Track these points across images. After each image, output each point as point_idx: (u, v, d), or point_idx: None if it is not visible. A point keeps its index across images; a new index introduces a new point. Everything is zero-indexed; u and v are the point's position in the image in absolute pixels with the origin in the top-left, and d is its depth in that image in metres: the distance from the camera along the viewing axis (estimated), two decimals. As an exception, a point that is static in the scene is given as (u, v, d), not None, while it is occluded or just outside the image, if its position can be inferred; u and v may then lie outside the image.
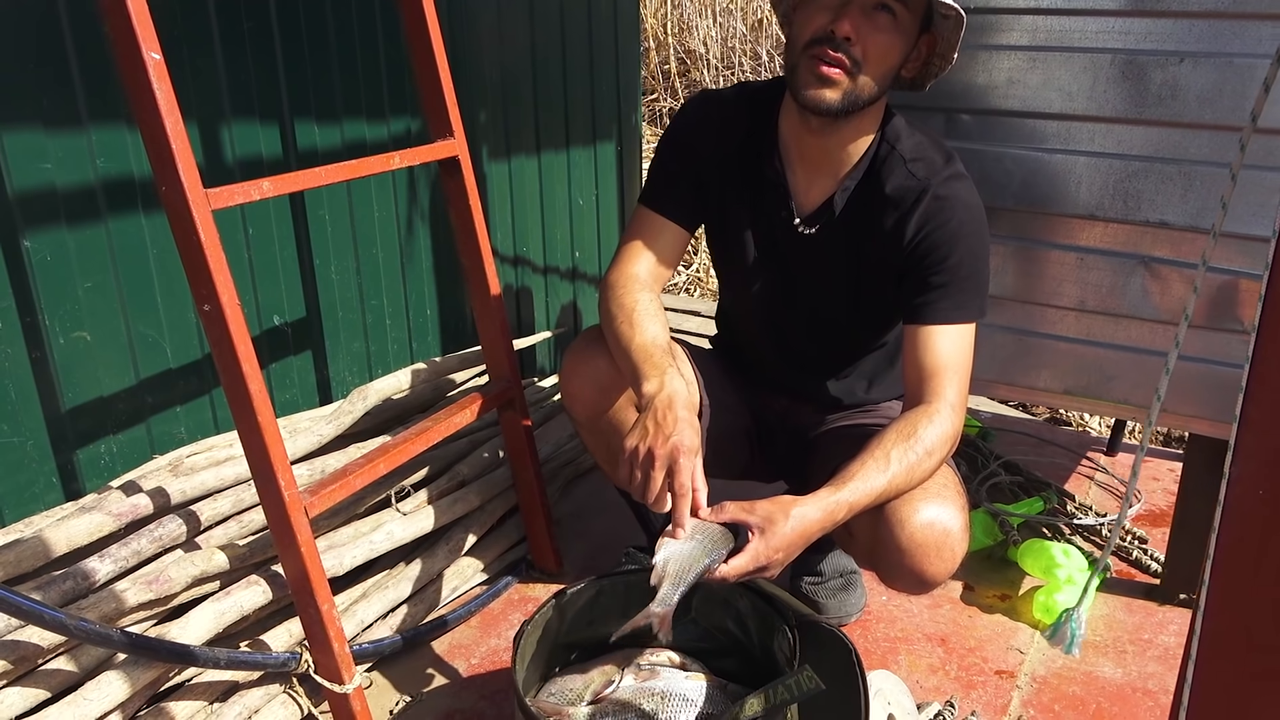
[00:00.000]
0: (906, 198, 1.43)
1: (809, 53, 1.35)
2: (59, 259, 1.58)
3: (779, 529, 1.21)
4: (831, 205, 1.49)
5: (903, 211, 1.43)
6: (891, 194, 1.44)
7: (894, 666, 1.69)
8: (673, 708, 1.31)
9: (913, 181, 1.42)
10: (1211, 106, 1.52)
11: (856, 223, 1.49)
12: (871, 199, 1.46)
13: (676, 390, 1.31)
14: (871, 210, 1.47)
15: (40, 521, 1.53)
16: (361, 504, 1.79)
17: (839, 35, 1.31)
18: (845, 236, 1.50)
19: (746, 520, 1.22)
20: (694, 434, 1.26)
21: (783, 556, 1.23)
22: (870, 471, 1.29)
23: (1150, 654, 1.73)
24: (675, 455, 1.23)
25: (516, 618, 1.82)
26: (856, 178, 1.47)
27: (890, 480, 1.30)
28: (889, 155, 1.45)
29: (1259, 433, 0.57)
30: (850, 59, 1.33)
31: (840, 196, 1.48)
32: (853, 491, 1.27)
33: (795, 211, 1.52)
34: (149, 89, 1.17)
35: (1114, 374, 1.73)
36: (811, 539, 1.25)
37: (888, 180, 1.44)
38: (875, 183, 1.46)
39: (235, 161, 1.82)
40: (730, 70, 5.69)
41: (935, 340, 1.40)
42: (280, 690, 1.52)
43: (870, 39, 1.33)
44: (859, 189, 1.48)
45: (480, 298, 1.78)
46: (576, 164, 2.76)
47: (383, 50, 2.07)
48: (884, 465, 1.30)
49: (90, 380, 1.66)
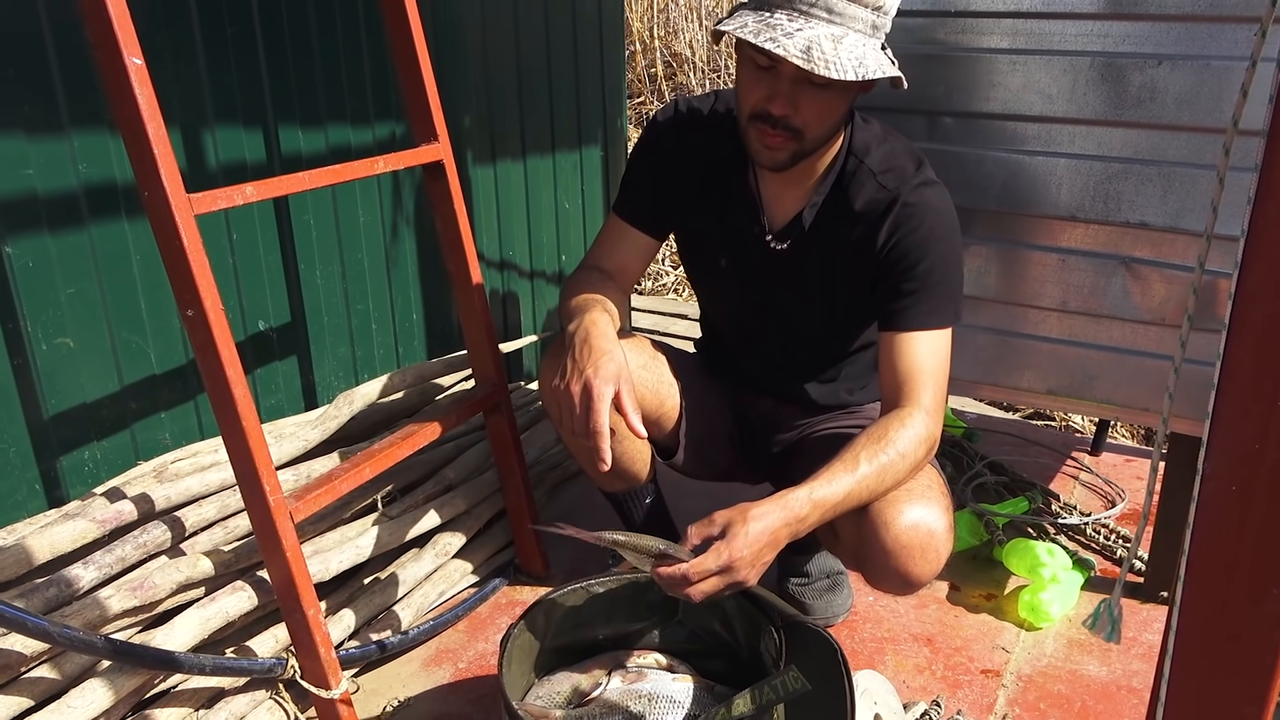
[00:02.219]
0: (876, 209, 1.44)
1: (754, 124, 1.36)
2: (41, 265, 1.57)
3: (739, 530, 1.18)
4: (801, 220, 1.50)
5: (872, 222, 1.44)
6: (861, 209, 1.45)
7: (880, 666, 1.69)
8: (660, 709, 1.31)
9: (882, 193, 1.43)
10: (1189, 108, 1.54)
11: (827, 236, 1.50)
12: (840, 212, 1.47)
13: (593, 321, 1.33)
14: (841, 224, 1.48)
15: (23, 529, 1.52)
16: (347, 509, 1.78)
17: (775, 114, 1.32)
18: (817, 250, 1.51)
19: (708, 533, 1.19)
20: (611, 361, 1.27)
21: (750, 556, 1.17)
22: (837, 473, 1.28)
23: (1134, 652, 1.74)
24: (590, 389, 1.24)
25: (504, 621, 1.82)
26: (824, 192, 1.48)
27: (859, 481, 1.29)
28: (857, 170, 1.46)
29: (1230, 428, 0.58)
30: (791, 129, 1.34)
31: (809, 212, 1.49)
32: (815, 491, 1.25)
33: (767, 226, 1.53)
34: (131, 94, 1.17)
35: (1096, 374, 1.74)
36: (780, 540, 1.22)
37: (858, 195, 1.45)
38: (843, 197, 1.47)
39: (219, 167, 1.82)
40: (716, 74, 5.71)
41: (909, 346, 1.41)
42: (267, 696, 1.52)
43: (806, 107, 1.33)
44: (827, 203, 1.49)
45: (466, 302, 1.78)
46: (562, 168, 2.76)
47: (367, 54, 2.07)
48: (852, 467, 1.29)
49: (73, 386, 1.65)
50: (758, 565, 1.20)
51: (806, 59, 1.22)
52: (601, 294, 1.47)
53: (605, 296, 1.47)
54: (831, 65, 1.22)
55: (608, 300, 1.46)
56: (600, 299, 1.45)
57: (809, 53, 1.22)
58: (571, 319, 1.41)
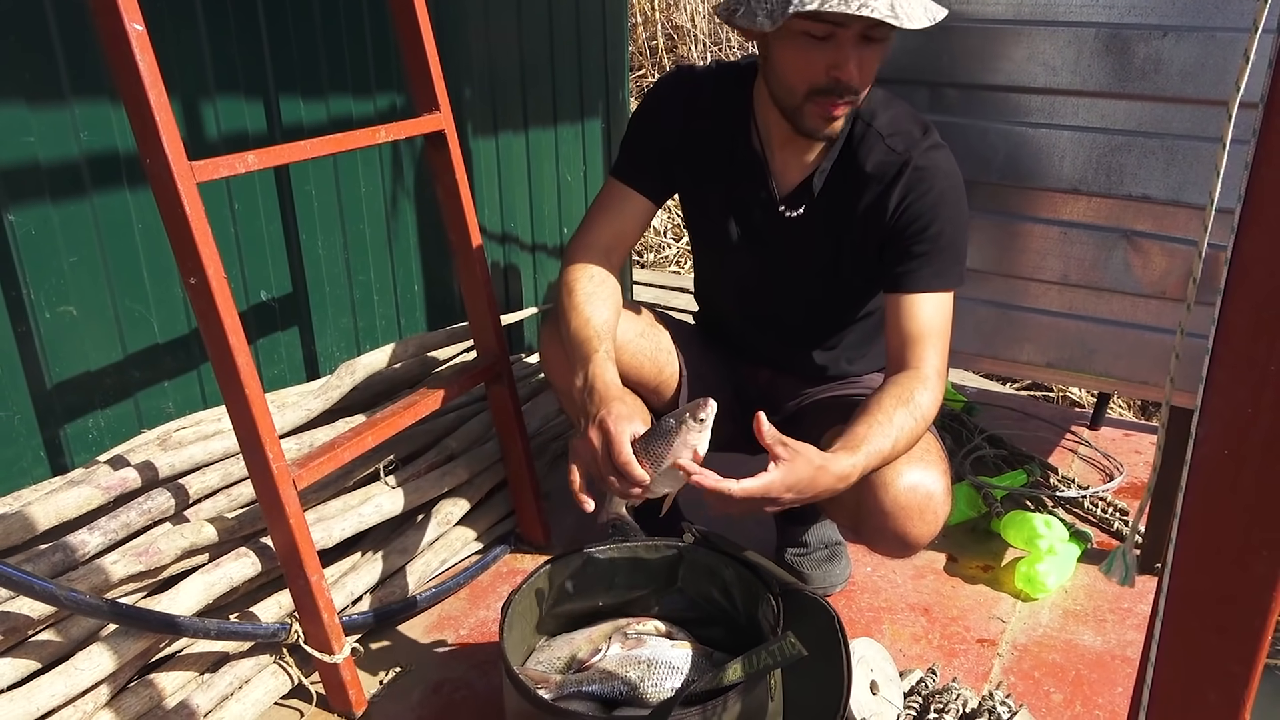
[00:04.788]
0: (887, 172, 1.44)
1: (814, 99, 1.35)
2: (43, 233, 1.57)
3: (799, 468, 1.19)
4: (810, 185, 1.50)
5: (884, 185, 1.44)
6: (872, 171, 1.45)
7: (878, 635, 1.71)
8: (658, 675, 1.33)
9: (892, 156, 1.43)
10: (1194, 81, 1.53)
11: (836, 201, 1.50)
12: (850, 177, 1.47)
13: (597, 375, 1.33)
14: (851, 188, 1.47)
15: (28, 495, 1.54)
16: (350, 478, 1.80)
17: (848, 82, 1.31)
18: (826, 215, 1.51)
19: (776, 450, 1.19)
20: (621, 404, 1.26)
21: (792, 497, 1.20)
22: (878, 435, 1.29)
23: (1130, 622, 1.76)
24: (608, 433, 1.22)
25: (505, 589, 1.84)
26: (832, 157, 1.48)
27: (894, 443, 1.31)
28: (865, 132, 1.45)
29: (1224, 393, 0.59)
30: (855, 94, 1.34)
31: (818, 177, 1.49)
32: (866, 455, 1.27)
33: (776, 192, 1.53)
34: (132, 61, 1.17)
35: (1096, 347, 1.75)
36: (819, 495, 1.23)
37: (867, 158, 1.45)
38: (853, 161, 1.47)
39: (220, 136, 1.82)
40: (718, 46, 5.67)
41: (917, 308, 1.42)
42: (271, 661, 1.54)
43: (867, 67, 1.33)
44: (835, 168, 1.49)
45: (468, 273, 1.78)
46: (564, 140, 2.75)
47: (368, 24, 2.06)
48: (889, 429, 1.30)
49: (77, 355, 1.66)
50: (790, 504, 1.23)
51: (895, 16, 1.21)
52: (600, 294, 1.47)
53: (604, 293, 1.48)
54: (912, 16, 1.23)
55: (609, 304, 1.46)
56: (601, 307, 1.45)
57: (894, 8, 1.22)
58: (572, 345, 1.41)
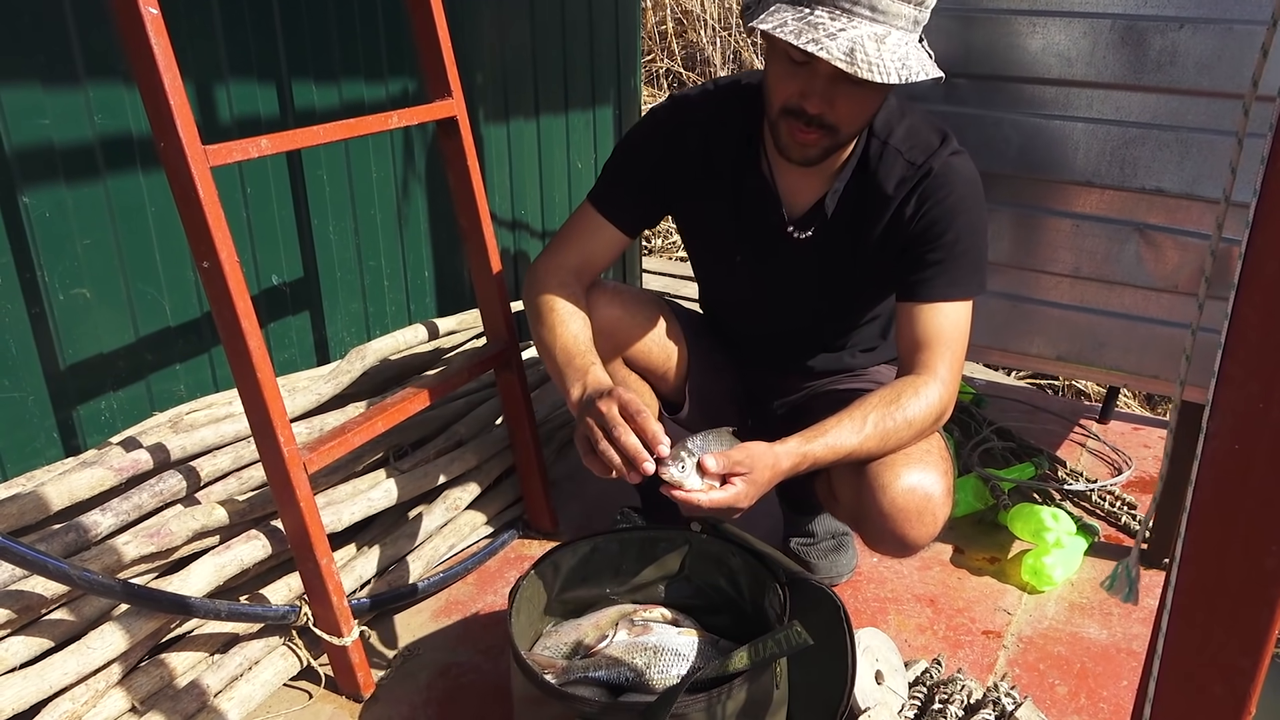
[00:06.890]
0: (906, 185, 1.41)
1: (786, 118, 1.32)
2: (58, 216, 1.58)
3: (758, 476, 1.24)
4: (823, 207, 1.47)
5: (902, 196, 1.42)
6: (894, 192, 1.42)
7: (883, 625, 1.72)
8: (664, 662, 1.33)
9: (911, 170, 1.41)
10: (1210, 73, 1.52)
11: (851, 221, 1.47)
12: (868, 196, 1.44)
13: (599, 379, 1.34)
14: (869, 208, 1.45)
15: (41, 476, 1.55)
16: (360, 462, 1.81)
17: (810, 113, 1.29)
18: (841, 236, 1.49)
19: (734, 470, 1.23)
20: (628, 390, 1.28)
21: (754, 496, 1.26)
22: (844, 430, 1.31)
23: (1135, 616, 1.76)
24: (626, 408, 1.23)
25: (513, 575, 1.85)
26: (845, 178, 1.45)
27: (862, 442, 1.32)
28: (883, 151, 1.42)
29: (1236, 387, 0.58)
30: (825, 126, 1.31)
31: (831, 199, 1.46)
32: (824, 446, 1.30)
33: (786, 216, 1.50)
34: (147, 44, 1.17)
35: (1106, 340, 1.74)
36: (775, 483, 1.28)
37: (888, 178, 1.42)
38: (871, 181, 1.43)
39: (233, 121, 1.82)
40: (727, 31, 5.64)
41: (929, 317, 1.40)
42: (280, 642, 1.55)
43: (841, 105, 1.29)
44: (849, 188, 1.46)
45: (478, 259, 1.79)
46: (575, 127, 2.75)
47: (381, 8, 2.05)
48: (859, 426, 1.32)
49: (90, 337, 1.67)
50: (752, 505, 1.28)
51: (850, 62, 1.17)
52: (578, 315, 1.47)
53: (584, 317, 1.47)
54: (875, 68, 1.17)
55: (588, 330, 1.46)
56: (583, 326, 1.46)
57: (852, 55, 1.17)
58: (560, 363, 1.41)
